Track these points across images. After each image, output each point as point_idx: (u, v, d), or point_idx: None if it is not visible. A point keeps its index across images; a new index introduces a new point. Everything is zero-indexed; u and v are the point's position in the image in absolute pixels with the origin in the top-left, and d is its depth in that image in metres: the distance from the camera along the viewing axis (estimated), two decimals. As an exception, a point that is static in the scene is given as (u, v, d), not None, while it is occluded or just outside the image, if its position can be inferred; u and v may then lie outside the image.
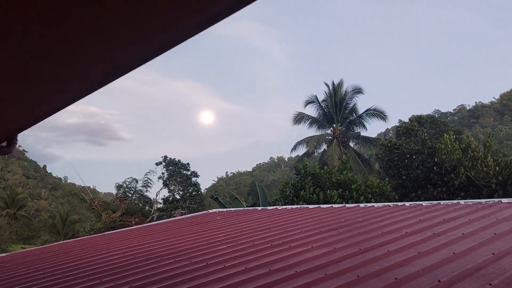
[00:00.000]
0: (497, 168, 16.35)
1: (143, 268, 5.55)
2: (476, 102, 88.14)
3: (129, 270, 5.60)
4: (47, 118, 3.39)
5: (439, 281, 3.58)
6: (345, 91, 32.25)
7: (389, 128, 67.80)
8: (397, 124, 33.91)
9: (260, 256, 5.46)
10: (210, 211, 13.26)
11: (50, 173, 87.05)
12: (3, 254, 10.13)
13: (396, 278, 3.79)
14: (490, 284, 3.37)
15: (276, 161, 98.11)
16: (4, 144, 3.88)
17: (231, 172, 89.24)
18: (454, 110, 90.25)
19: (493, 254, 4.30)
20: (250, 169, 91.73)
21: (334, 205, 10.35)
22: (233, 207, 19.53)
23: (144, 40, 2.30)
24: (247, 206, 21.51)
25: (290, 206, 11.47)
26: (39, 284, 5.43)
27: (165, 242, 7.72)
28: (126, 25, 2.14)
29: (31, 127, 3.74)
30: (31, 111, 3.25)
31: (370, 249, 5.14)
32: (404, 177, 19.29)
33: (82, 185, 44.26)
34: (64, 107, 3.09)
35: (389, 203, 9.38)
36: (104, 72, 2.62)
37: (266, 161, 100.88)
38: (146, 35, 2.24)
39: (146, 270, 5.41)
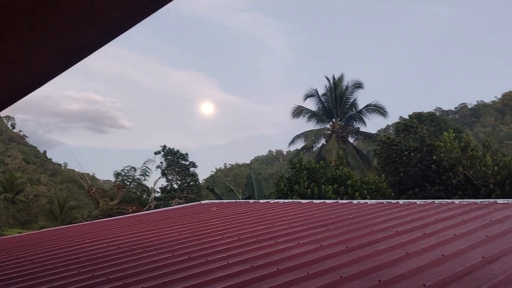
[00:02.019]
0: (496, 168, 16.16)
1: (124, 260, 5.40)
2: (478, 101, 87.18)
3: (110, 261, 5.44)
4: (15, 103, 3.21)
5: (424, 285, 3.41)
6: (346, 86, 31.98)
7: (390, 124, 67.21)
8: (398, 121, 33.64)
9: (244, 251, 5.31)
10: (202, 202, 13.11)
11: (50, 158, 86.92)
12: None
13: (379, 280, 3.63)
14: (477, 291, 3.20)
15: (275, 154, 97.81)
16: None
17: (230, 164, 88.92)
18: (455, 108, 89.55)
19: (483, 257, 4.13)
20: (249, 162, 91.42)
21: (327, 201, 10.18)
22: (228, 199, 19.39)
23: (106, 18, 2.13)
24: (242, 198, 21.37)
25: (282, 200, 11.30)
26: (14, 272, 5.28)
27: (152, 232, 7.57)
28: (86, 4, 2.00)
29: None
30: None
31: (357, 247, 4.97)
32: (401, 174, 19.10)
33: (81, 172, 44.11)
34: (30, 91, 2.91)
35: (383, 201, 9.21)
36: (68, 52, 2.44)
37: (264, 154, 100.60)
38: (107, 13, 2.07)
39: (127, 262, 5.25)
